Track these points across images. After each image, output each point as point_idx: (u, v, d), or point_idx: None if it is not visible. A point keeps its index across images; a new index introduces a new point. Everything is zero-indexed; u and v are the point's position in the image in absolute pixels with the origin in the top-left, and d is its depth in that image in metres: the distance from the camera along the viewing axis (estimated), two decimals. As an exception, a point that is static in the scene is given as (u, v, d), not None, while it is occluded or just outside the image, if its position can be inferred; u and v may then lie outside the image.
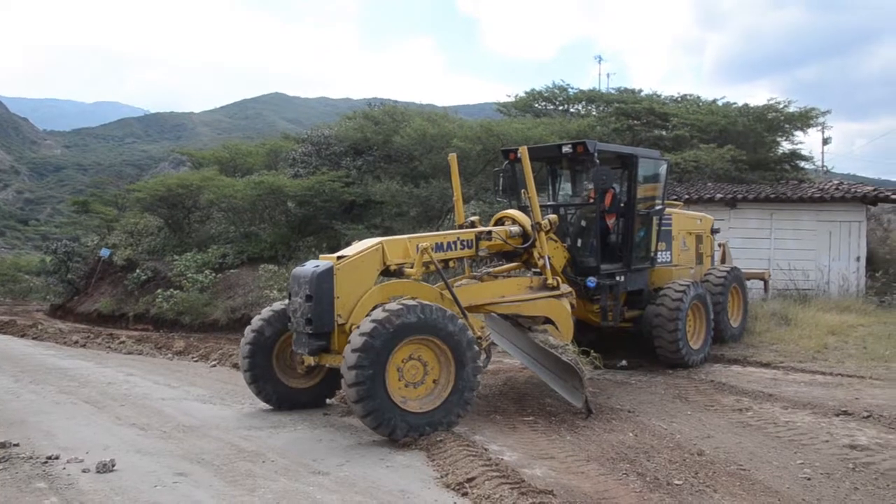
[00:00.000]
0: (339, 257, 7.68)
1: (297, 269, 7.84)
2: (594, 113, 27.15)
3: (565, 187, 11.51)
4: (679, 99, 27.26)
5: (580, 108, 28.61)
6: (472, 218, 9.52)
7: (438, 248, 8.35)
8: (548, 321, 8.83)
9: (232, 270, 20.52)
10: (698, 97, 26.96)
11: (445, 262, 8.60)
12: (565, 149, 9.90)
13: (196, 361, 13.55)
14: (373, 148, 23.85)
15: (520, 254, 9.22)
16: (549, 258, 9.05)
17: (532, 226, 9.03)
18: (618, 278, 10.28)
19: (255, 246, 21.63)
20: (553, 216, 9.43)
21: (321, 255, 8.03)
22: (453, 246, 8.58)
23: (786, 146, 23.48)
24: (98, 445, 6.87)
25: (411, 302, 7.10)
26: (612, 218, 10.46)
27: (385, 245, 7.90)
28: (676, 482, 5.81)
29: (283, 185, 21.57)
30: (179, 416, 8.31)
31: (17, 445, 6.85)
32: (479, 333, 8.04)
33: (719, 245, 14.02)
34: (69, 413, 8.52)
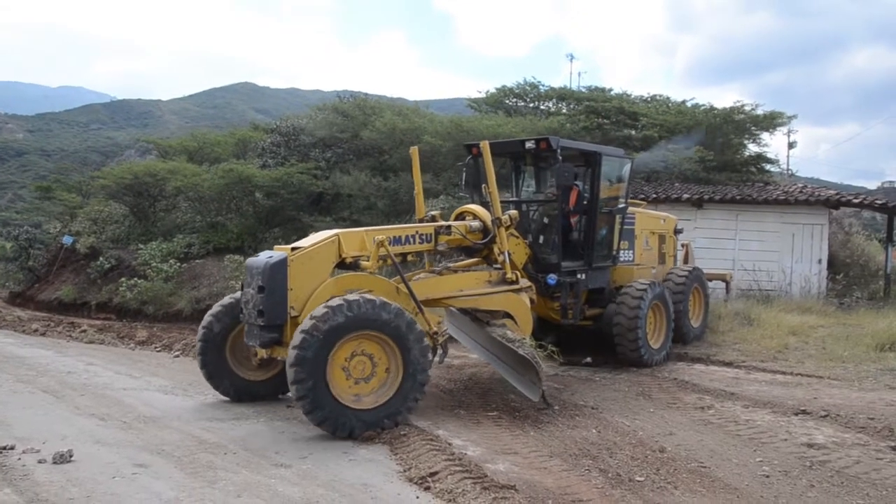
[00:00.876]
0: (293, 248, 7.55)
1: (251, 260, 7.71)
2: (564, 111, 27.24)
3: (529, 183, 11.49)
4: (649, 99, 27.48)
5: (551, 105, 28.69)
6: (433, 212, 9.47)
7: (396, 241, 8.29)
8: (507, 316, 8.84)
9: (197, 260, 20.26)
10: (668, 98, 27.24)
11: (403, 255, 8.54)
12: (528, 144, 9.87)
13: (159, 352, 13.39)
14: (342, 140, 23.70)
15: (480, 249, 9.19)
16: (508, 253, 9.02)
17: (492, 221, 8.99)
18: (579, 276, 10.29)
19: (221, 236, 21.39)
20: (514, 212, 9.41)
21: (276, 247, 7.86)
22: (412, 240, 8.51)
23: (752, 149, 23.82)
24: (55, 436, 6.75)
25: (337, 301, 6.95)
26: (576, 216, 10.46)
27: (341, 237, 7.80)
28: (638, 479, 5.87)
29: (251, 175, 21.35)
30: (140, 407, 8.20)
31: (-30, 435, 6.72)
32: (433, 328, 8.01)
33: (682, 245, 14.12)
34: (26, 402, 8.37)
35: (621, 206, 10.96)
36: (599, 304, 10.94)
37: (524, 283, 9.10)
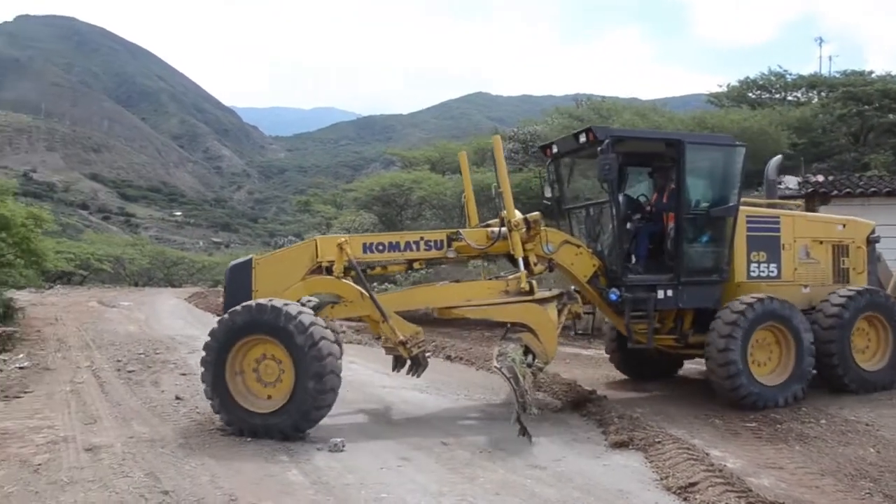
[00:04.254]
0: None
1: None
2: (815, 100, 25.26)
3: (638, 188, 9.97)
4: (919, 78, 24.66)
5: (799, 95, 26.75)
6: (491, 221, 8.64)
7: (394, 247, 8.09)
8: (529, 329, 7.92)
9: (443, 265, 21.19)
10: (945, 75, 24.25)
11: (409, 262, 8.36)
12: (581, 139, 8.72)
13: (410, 352, 14.12)
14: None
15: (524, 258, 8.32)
16: (526, 259, 8.09)
17: (504, 223, 8.13)
18: (662, 293, 8.60)
19: (464, 243, 22.20)
20: (535, 214, 8.31)
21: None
22: (413, 246, 8.15)
23: None
24: (329, 427, 7.37)
25: (242, 305, 7.13)
26: (669, 219, 8.89)
27: (319, 242, 7.91)
28: (931, 506, 5.26)
29: (490, 183, 21.96)
30: (399, 404, 8.76)
31: (259, 422, 7.56)
32: (402, 338, 7.67)
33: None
34: (302, 396, 9.22)
35: (730, 205, 8.80)
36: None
37: (543, 294, 8.12)
